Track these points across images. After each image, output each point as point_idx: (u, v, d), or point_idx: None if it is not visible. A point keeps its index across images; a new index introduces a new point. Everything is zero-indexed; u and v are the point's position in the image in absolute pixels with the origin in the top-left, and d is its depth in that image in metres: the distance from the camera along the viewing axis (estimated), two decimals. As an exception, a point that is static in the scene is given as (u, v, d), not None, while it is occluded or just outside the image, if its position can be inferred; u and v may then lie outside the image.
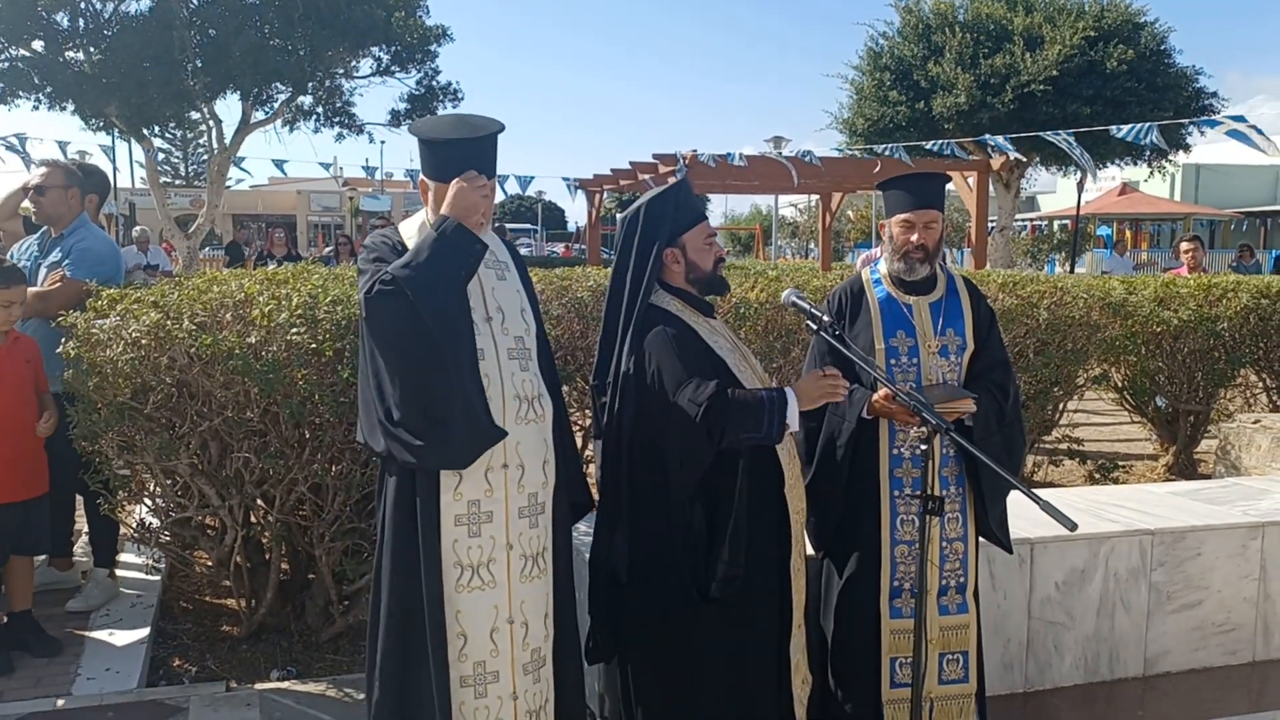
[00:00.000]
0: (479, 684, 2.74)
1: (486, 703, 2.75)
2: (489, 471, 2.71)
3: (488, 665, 2.74)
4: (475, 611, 2.73)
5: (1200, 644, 4.48)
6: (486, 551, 2.73)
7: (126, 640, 4.29)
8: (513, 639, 2.77)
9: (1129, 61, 20.21)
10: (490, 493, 2.73)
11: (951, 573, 3.27)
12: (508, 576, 2.76)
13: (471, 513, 2.72)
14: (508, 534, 2.76)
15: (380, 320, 2.63)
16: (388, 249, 2.75)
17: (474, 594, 2.72)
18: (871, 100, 22.47)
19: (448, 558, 2.70)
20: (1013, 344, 5.57)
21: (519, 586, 2.78)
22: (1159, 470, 7.56)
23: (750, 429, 2.83)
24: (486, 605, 2.74)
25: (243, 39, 15.57)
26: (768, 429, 2.84)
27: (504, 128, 2.79)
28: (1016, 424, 3.35)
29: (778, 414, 2.83)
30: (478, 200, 2.68)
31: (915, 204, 3.29)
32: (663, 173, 13.94)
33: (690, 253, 3.07)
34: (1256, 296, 7.12)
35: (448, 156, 2.74)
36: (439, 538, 2.69)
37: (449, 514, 2.70)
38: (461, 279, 2.66)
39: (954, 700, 3.28)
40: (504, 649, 2.76)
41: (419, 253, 2.61)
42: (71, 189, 4.68)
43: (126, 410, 3.74)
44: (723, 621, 2.94)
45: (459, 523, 2.71)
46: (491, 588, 2.74)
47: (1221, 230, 37.66)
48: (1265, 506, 4.78)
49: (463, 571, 2.71)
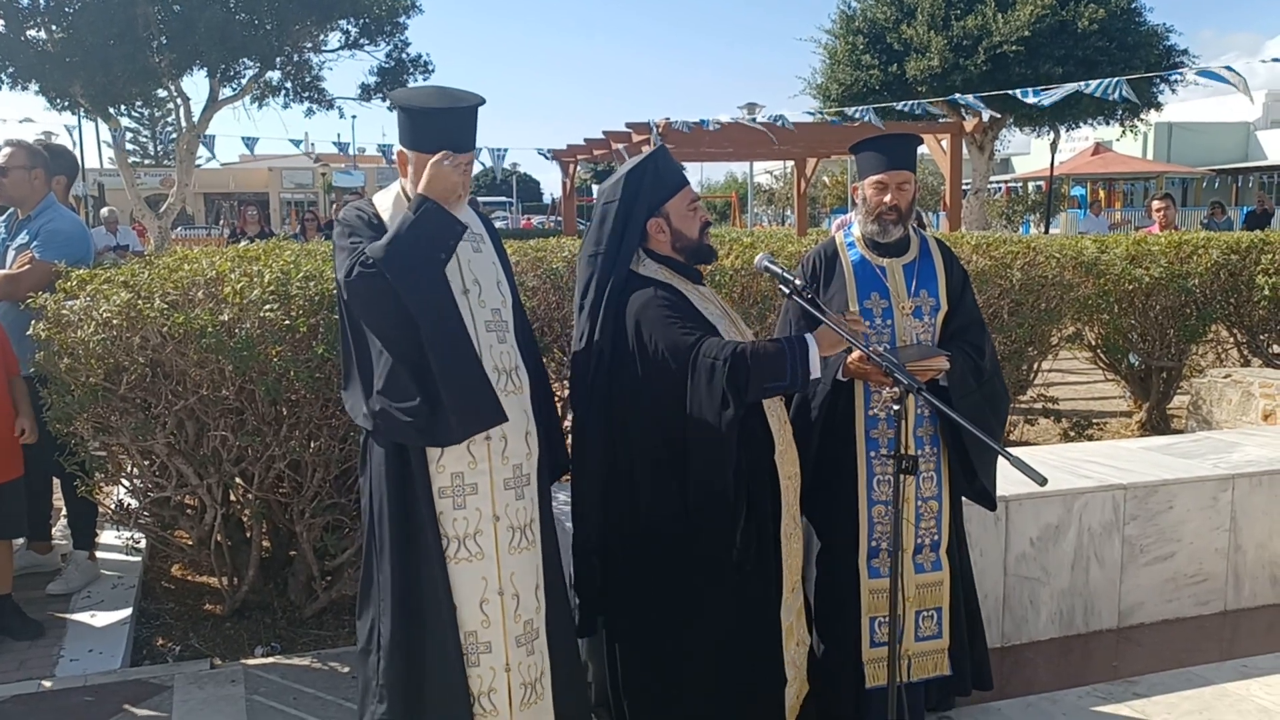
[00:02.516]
0: (471, 653, 2.75)
1: (479, 672, 2.76)
2: (471, 444, 2.72)
3: (479, 636, 2.76)
4: (464, 583, 2.74)
5: (1173, 595, 4.57)
6: (473, 523, 2.74)
7: (109, 621, 4.29)
8: (504, 610, 2.78)
9: (1100, 21, 20.21)
10: (474, 465, 2.74)
11: (926, 531, 3.31)
12: (495, 548, 2.77)
13: (456, 485, 2.73)
14: (494, 505, 2.77)
15: (362, 303, 2.62)
16: (363, 223, 2.73)
17: (462, 565, 2.74)
18: (845, 64, 22.37)
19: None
20: (987, 305, 5.60)
21: (508, 558, 2.80)
22: (1133, 427, 7.65)
23: (774, 377, 2.80)
24: (475, 577, 2.75)
25: (208, 14, 15.34)
26: (791, 376, 2.80)
27: (484, 101, 2.78)
28: (997, 380, 3.38)
29: (800, 360, 2.81)
30: (456, 181, 2.66)
31: (888, 165, 3.29)
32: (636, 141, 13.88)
33: (675, 221, 3.05)
34: (1226, 253, 7.18)
35: (428, 127, 2.72)
36: (433, 509, 2.71)
37: (434, 486, 2.71)
38: (441, 261, 2.65)
39: (929, 656, 3.33)
40: (495, 620, 2.77)
41: (398, 234, 2.58)
42: (35, 169, 4.61)
43: (100, 391, 3.72)
44: (715, 588, 2.95)
45: (443, 495, 2.72)
46: (480, 559, 2.75)
47: (1194, 188, 37.86)
48: (1235, 459, 4.86)
49: (449, 543, 2.73)
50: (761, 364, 2.79)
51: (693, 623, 2.96)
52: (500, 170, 17.85)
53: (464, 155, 2.73)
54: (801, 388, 2.91)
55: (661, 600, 2.98)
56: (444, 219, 2.62)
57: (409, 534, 2.73)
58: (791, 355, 2.81)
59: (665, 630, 3.00)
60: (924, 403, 2.98)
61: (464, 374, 2.65)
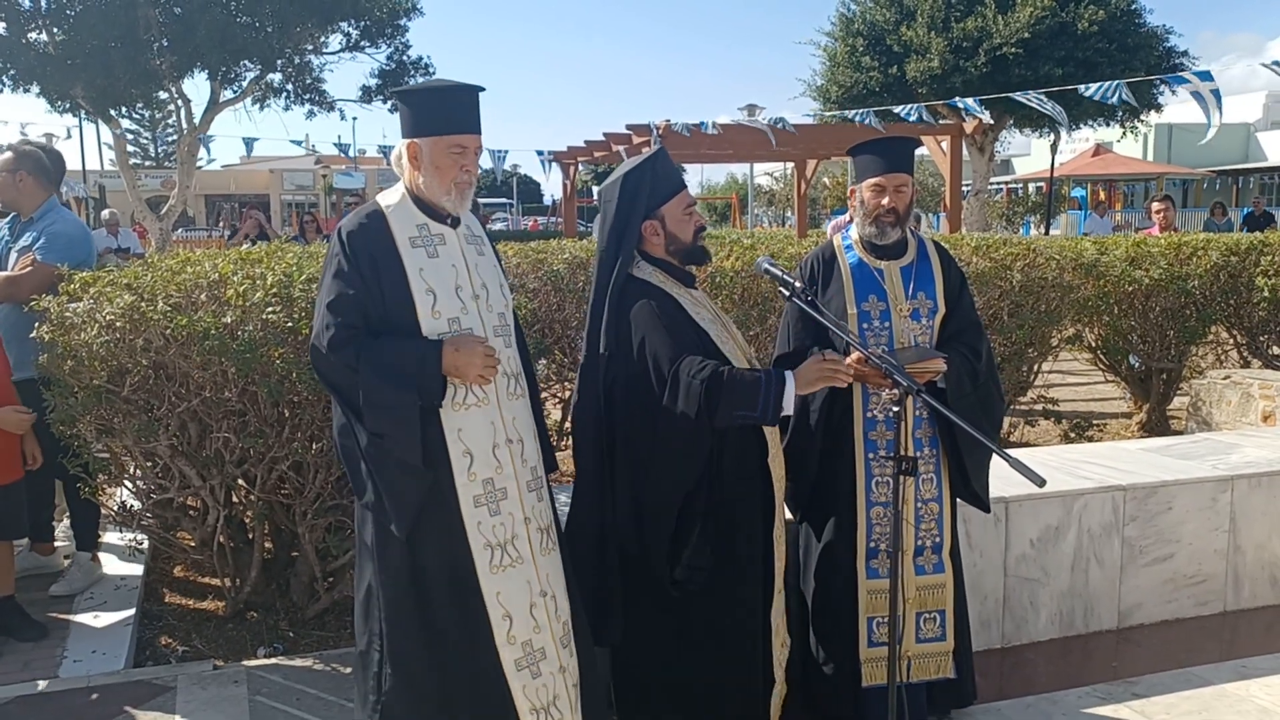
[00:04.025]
0: (532, 664, 2.73)
1: (543, 681, 2.74)
2: (495, 449, 2.72)
3: (534, 643, 2.74)
4: (513, 590, 2.72)
5: (1172, 596, 4.58)
6: (509, 528, 2.73)
7: (112, 622, 4.30)
8: (548, 613, 2.78)
9: (1100, 22, 20.22)
10: (500, 469, 2.73)
11: (927, 533, 3.32)
12: (530, 550, 2.77)
13: (488, 491, 2.71)
14: (523, 508, 2.77)
15: (322, 372, 2.69)
16: (351, 265, 2.66)
17: (508, 572, 2.72)
18: (844, 66, 22.38)
19: (475, 540, 2.68)
20: (987, 306, 5.62)
21: (542, 559, 2.80)
22: (1133, 428, 7.66)
23: (745, 407, 2.84)
24: (520, 582, 2.73)
25: (209, 16, 15.34)
26: (762, 409, 2.84)
27: (484, 89, 2.78)
28: (992, 383, 3.39)
29: (774, 395, 2.83)
30: (479, 370, 2.63)
31: (885, 168, 3.31)
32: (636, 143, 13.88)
33: (670, 224, 3.07)
34: (1226, 254, 7.19)
35: (436, 106, 2.72)
36: (460, 514, 2.66)
37: (467, 496, 2.68)
38: (414, 420, 2.61)
39: (931, 658, 3.34)
40: (544, 624, 2.76)
41: (383, 384, 2.57)
42: (19, 174, 4.59)
43: (103, 393, 3.73)
44: (709, 590, 2.97)
45: (478, 503, 2.69)
46: (521, 564, 2.74)
47: (1195, 189, 37.85)
48: (1234, 460, 4.87)
49: (493, 551, 2.70)
50: (734, 392, 2.82)
51: (682, 626, 2.98)
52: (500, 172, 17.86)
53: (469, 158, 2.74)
54: (771, 422, 2.93)
55: (652, 602, 3.00)
56: (435, 390, 2.60)
57: (429, 540, 2.68)
58: (766, 389, 2.83)
59: (656, 632, 3.02)
60: (922, 405, 2.99)
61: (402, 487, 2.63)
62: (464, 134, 2.72)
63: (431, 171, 2.72)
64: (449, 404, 2.65)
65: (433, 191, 2.74)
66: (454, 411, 2.66)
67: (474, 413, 2.69)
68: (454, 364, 2.60)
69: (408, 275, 2.65)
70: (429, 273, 2.68)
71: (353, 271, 2.64)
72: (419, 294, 2.66)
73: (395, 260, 2.66)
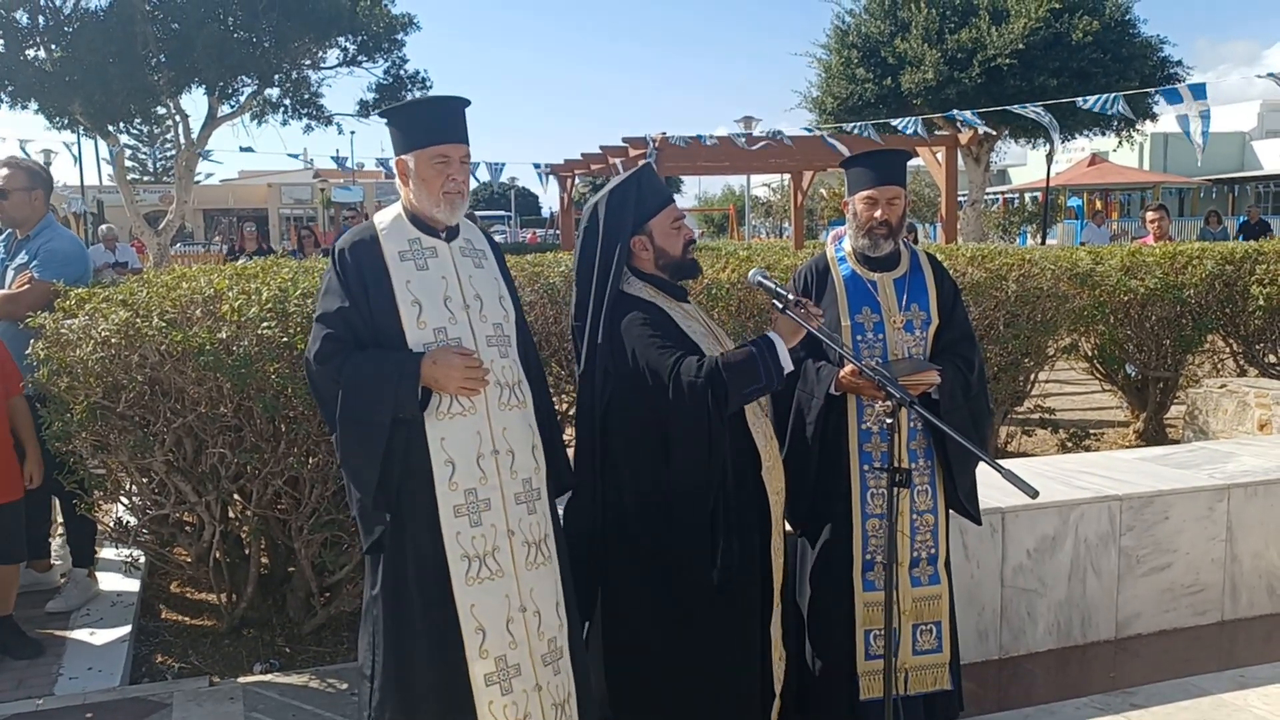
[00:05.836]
0: (504, 680, 2.70)
1: (513, 699, 2.71)
2: (480, 459, 2.71)
3: (509, 659, 2.71)
4: (489, 603, 2.70)
5: (1170, 605, 4.57)
6: (490, 540, 2.71)
7: (108, 639, 4.29)
8: (527, 629, 2.75)
9: (1094, 33, 20.30)
10: (485, 480, 2.72)
11: (923, 544, 3.32)
12: (513, 564, 2.75)
13: (470, 502, 2.70)
14: (507, 520, 2.74)
15: (314, 385, 2.76)
16: (341, 285, 2.72)
17: (485, 585, 2.69)
18: (840, 78, 22.44)
19: (452, 550, 2.67)
20: (982, 316, 5.63)
21: (526, 574, 2.77)
22: (1130, 437, 7.67)
23: (750, 381, 2.85)
24: (498, 595, 2.71)
25: (206, 32, 15.41)
26: (766, 376, 2.86)
27: (470, 102, 2.81)
28: (982, 396, 3.40)
29: (770, 358, 2.86)
30: (460, 381, 2.66)
31: (878, 180, 3.32)
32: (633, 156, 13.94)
33: (658, 238, 3.07)
34: (1221, 263, 7.21)
35: (421, 119, 2.76)
36: (439, 528, 2.67)
37: (447, 505, 2.67)
38: (380, 438, 2.66)
39: (928, 670, 3.33)
40: (521, 640, 2.74)
41: (364, 385, 2.63)
42: (34, 191, 4.64)
43: (99, 409, 3.73)
44: (708, 604, 2.97)
45: (459, 513, 2.68)
46: (500, 577, 2.72)
47: (1191, 198, 37.93)
48: (1231, 469, 4.87)
49: (470, 563, 2.68)
50: (735, 373, 2.84)
51: (683, 637, 2.98)
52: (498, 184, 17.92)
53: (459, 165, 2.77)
54: (779, 384, 2.95)
55: (652, 615, 3.00)
56: (411, 400, 2.63)
57: (419, 564, 2.69)
58: (761, 356, 2.86)
59: (656, 645, 3.01)
60: (916, 416, 3.00)
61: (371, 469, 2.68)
62: (446, 144, 2.74)
63: (419, 184, 2.75)
64: (433, 412, 2.67)
65: (424, 204, 2.76)
66: (437, 420, 2.68)
67: (458, 422, 2.70)
68: (432, 376, 2.63)
69: (394, 288, 2.70)
70: (416, 285, 2.72)
71: (343, 287, 2.71)
72: (404, 304, 2.70)
73: (384, 274, 2.71)
